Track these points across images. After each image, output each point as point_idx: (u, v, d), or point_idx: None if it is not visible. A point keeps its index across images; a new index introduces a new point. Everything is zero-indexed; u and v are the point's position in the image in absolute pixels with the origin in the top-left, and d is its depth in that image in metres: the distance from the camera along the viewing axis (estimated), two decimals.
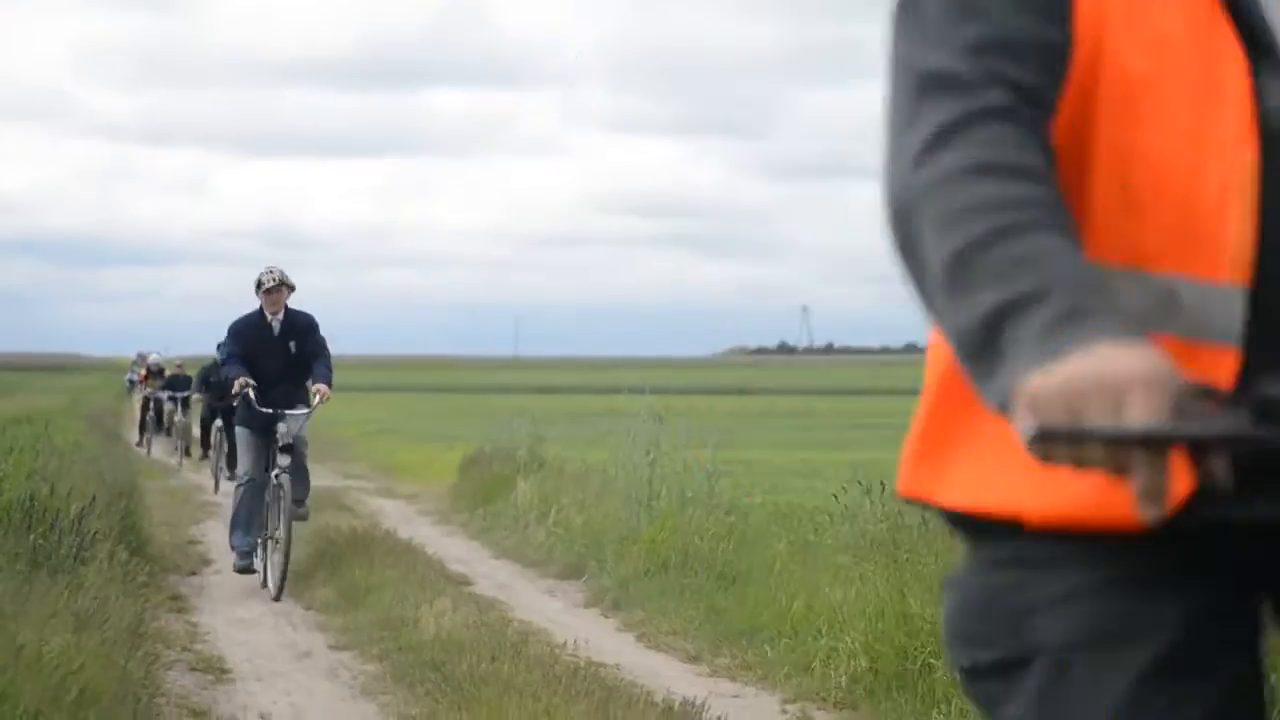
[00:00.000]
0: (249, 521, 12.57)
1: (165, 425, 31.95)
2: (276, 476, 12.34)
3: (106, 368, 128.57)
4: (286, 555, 12.09)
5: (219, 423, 23.38)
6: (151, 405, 32.50)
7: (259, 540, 12.64)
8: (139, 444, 32.61)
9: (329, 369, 12.52)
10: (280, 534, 12.19)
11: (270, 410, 12.25)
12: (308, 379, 12.60)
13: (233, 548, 12.68)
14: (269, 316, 12.56)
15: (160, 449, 30.97)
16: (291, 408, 12.40)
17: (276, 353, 12.50)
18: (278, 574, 12.13)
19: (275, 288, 12.55)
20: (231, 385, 12.44)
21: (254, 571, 12.52)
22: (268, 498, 12.59)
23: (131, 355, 64.60)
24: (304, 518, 12.86)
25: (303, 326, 12.69)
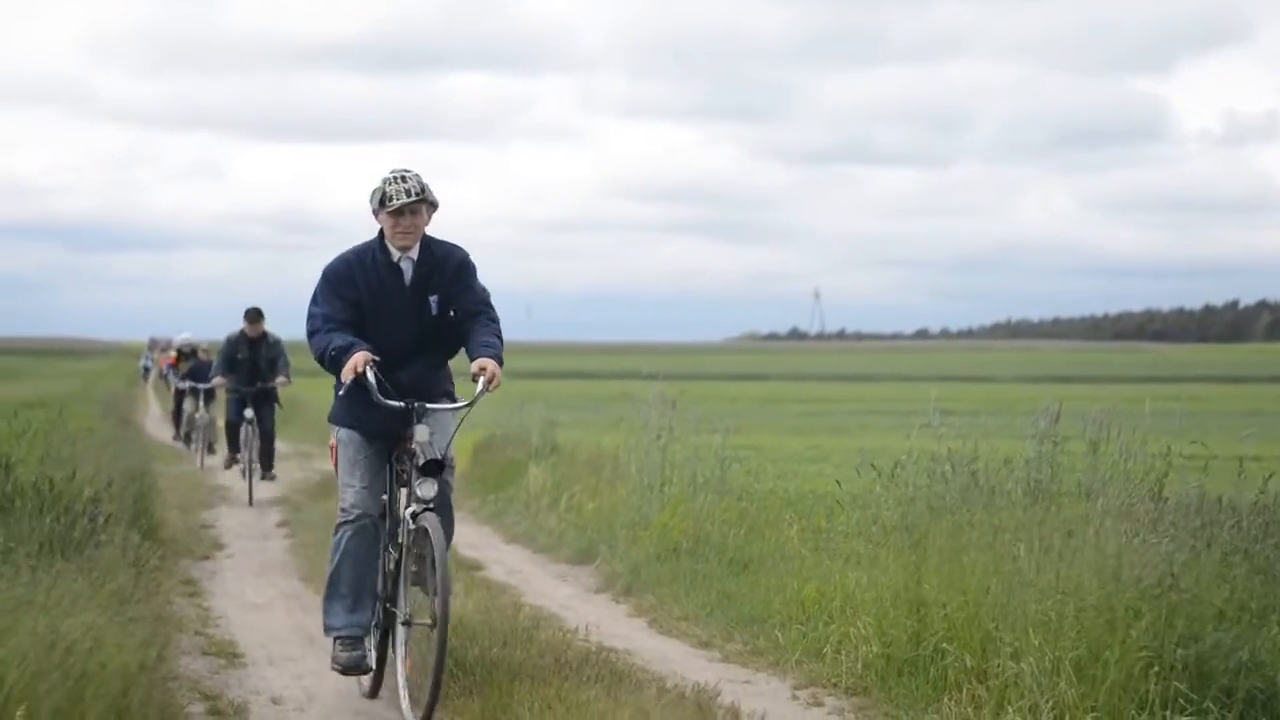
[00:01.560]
0: (357, 588, 7.87)
1: (185, 427, 27.55)
2: (414, 518, 7.51)
3: (119, 352, 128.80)
4: (441, 655, 7.12)
5: (249, 412, 18.93)
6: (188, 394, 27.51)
7: (372, 621, 8.00)
8: (176, 438, 29.17)
9: (499, 338, 7.82)
10: (424, 613, 7.51)
11: (402, 403, 7.65)
12: (451, 356, 8.09)
13: (330, 631, 7.93)
14: (395, 253, 7.81)
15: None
16: (430, 400, 7.83)
17: (406, 312, 7.83)
18: (429, 690, 7.17)
19: (412, 206, 7.74)
20: (338, 356, 7.56)
21: (365, 670, 7.92)
22: (392, 552, 7.91)
23: (144, 340, 64.80)
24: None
25: (453, 269, 7.88)
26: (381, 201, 7.77)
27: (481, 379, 7.61)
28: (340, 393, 7.79)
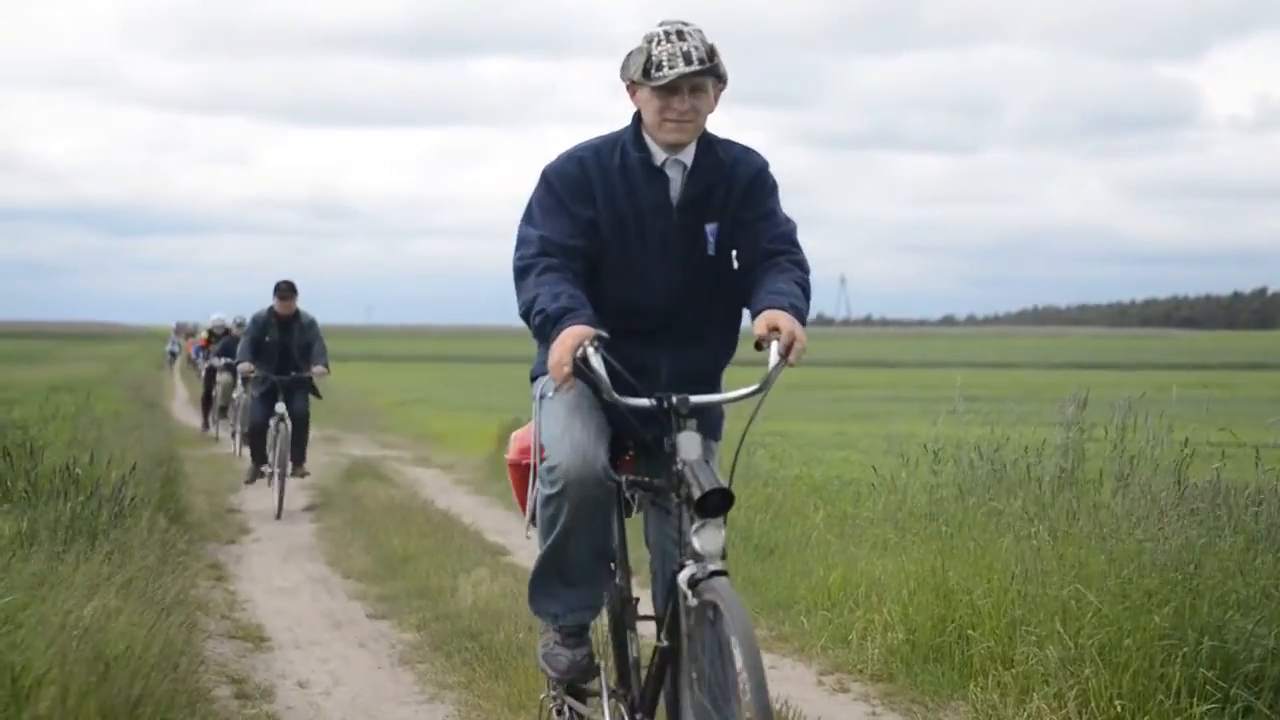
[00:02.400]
0: (583, 567, 5.33)
1: (217, 413, 26.11)
2: (694, 586, 4.71)
3: (147, 336, 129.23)
4: None
5: (280, 406, 15.94)
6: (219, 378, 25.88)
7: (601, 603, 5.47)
8: (207, 427, 27.73)
9: (803, 289, 5.08)
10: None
11: (650, 401, 4.84)
12: (733, 334, 5.41)
13: (544, 615, 5.46)
14: (659, 153, 5.13)
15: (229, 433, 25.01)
16: (696, 386, 5.04)
17: (669, 247, 5.15)
18: None
19: (693, 79, 5.00)
20: (544, 325, 4.92)
21: (593, 673, 5.54)
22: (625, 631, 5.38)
23: (171, 325, 65.08)
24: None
25: (743, 185, 5.17)
26: (646, 71, 4.99)
27: (774, 344, 4.83)
28: (550, 394, 5.09)
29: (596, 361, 4.77)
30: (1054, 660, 7.10)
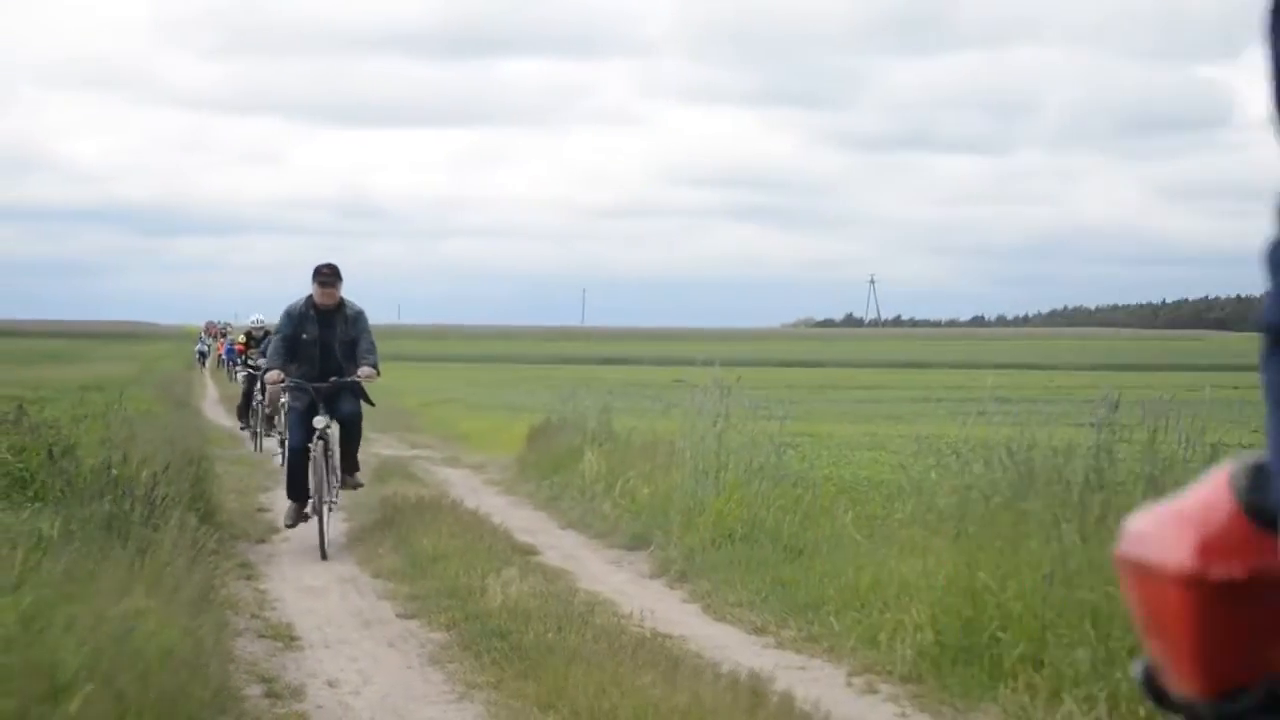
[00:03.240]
0: None
1: (277, 426, 20.50)
2: None
3: (178, 336, 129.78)
4: None
5: (325, 421, 12.99)
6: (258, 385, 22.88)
7: None
8: (253, 429, 24.84)
9: None
10: None
11: None
12: None
13: None
14: None
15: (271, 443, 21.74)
16: None
17: None
18: None
19: None
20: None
21: None
22: None
23: (200, 325, 65.40)
24: None
25: None
26: None
27: None
28: None
29: None
30: (1085, 663, 7.08)
